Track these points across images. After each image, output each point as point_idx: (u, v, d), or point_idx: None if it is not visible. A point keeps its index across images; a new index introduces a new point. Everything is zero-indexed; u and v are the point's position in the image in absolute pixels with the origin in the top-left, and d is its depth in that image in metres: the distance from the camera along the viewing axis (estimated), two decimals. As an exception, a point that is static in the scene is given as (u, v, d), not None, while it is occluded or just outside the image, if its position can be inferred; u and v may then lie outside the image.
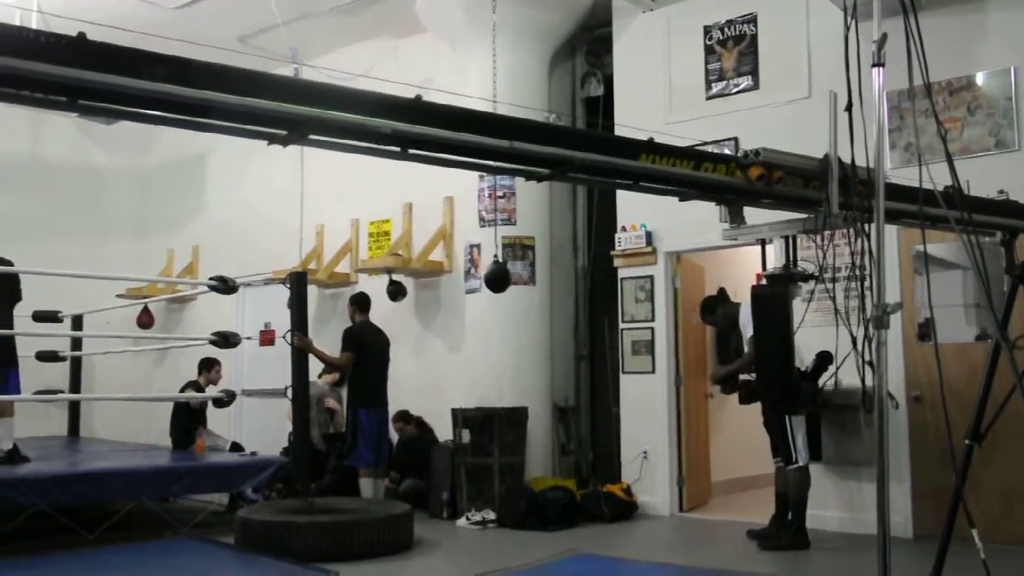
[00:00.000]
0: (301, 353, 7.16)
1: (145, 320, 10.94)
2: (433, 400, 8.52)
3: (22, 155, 11.28)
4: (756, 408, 6.57)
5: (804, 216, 4.47)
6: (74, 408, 10.31)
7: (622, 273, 8.14)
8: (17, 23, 5.89)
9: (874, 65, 3.34)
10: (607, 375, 8.37)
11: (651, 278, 7.98)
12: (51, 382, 9.75)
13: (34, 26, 5.55)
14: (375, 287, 8.68)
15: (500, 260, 7.34)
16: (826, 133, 4.04)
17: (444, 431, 8.16)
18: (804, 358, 6.20)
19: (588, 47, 8.87)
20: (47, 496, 6.14)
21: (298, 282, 7.33)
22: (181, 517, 7.17)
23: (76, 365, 10.24)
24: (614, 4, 8.36)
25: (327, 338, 8.47)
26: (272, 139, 3.48)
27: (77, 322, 9.85)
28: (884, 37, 3.26)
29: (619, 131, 5.85)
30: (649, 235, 7.93)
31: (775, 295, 4.57)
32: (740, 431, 8.43)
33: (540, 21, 8.33)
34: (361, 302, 7.89)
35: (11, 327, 7.06)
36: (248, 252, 10.06)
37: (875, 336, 3.27)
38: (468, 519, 7.37)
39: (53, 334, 9.32)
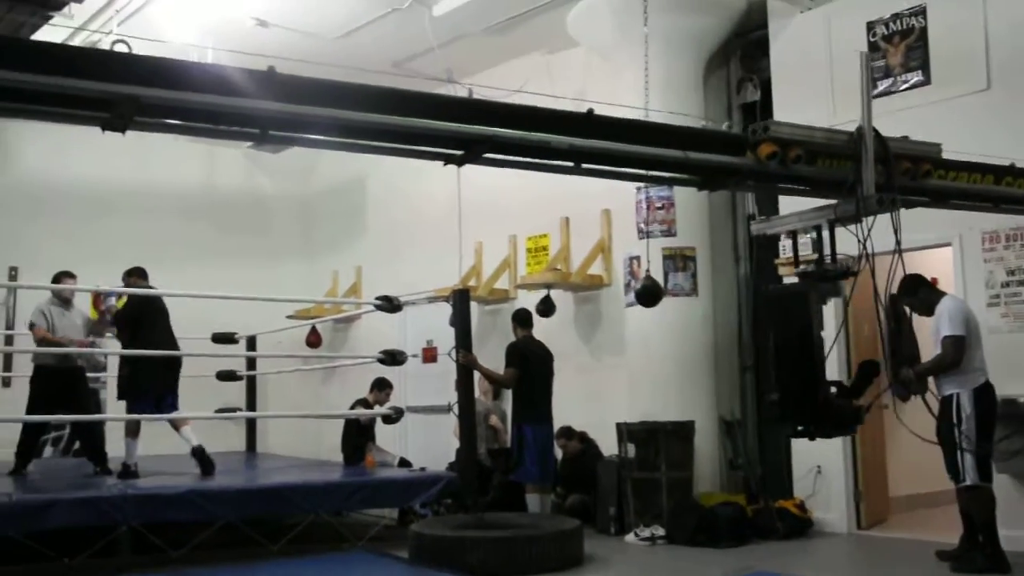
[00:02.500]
0: (466, 370, 7.25)
1: (313, 340, 11.36)
2: (596, 415, 8.47)
3: (198, 185, 11.99)
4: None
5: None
6: (251, 425, 10.79)
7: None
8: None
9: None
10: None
11: (819, 286, 7.68)
12: (230, 400, 10.24)
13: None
14: (534, 303, 8.72)
15: (651, 275, 7.26)
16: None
17: (608, 446, 8.09)
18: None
19: (743, 52, 8.67)
20: (236, 509, 6.47)
21: (461, 300, 7.44)
22: (355, 531, 7.37)
23: (251, 384, 10.72)
24: (769, 6, 8.14)
25: (487, 355, 8.54)
26: (448, 159, 3.55)
27: (251, 343, 10.33)
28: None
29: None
30: (815, 242, 7.63)
31: (793, 295, 4.03)
32: (920, 443, 7.99)
33: (693, 28, 8.20)
34: (523, 318, 7.92)
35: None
36: (408, 271, 10.31)
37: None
38: (636, 535, 7.27)
39: (230, 355, 9.82)
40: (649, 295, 7.12)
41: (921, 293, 6.31)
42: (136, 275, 7.64)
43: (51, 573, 5.89)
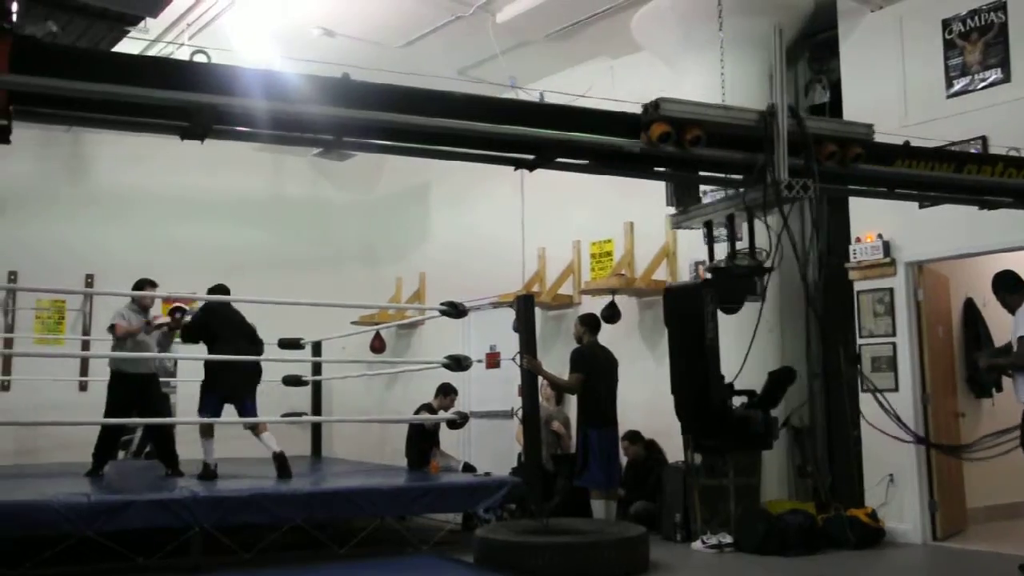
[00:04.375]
0: (530, 375, 7.24)
1: (377, 346, 11.44)
2: (661, 420, 8.32)
3: (265, 193, 12.17)
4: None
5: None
6: (316, 429, 10.89)
7: (858, 286, 7.73)
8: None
9: None
10: (843, 393, 7.94)
11: (891, 290, 7.54)
12: (296, 405, 10.36)
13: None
14: (598, 308, 8.68)
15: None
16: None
17: (674, 452, 8.01)
18: None
19: (811, 53, 8.54)
20: (303, 512, 6.55)
21: (526, 305, 7.44)
22: (420, 535, 7.40)
23: (317, 389, 10.83)
24: (839, 6, 8.01)
25: (551, 360, 8.53)
26: (519, 164, 3.56)
27: (317, 348, 10.44)
28: None
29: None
30: (887, 245, 7.50)
31: (689, 292, 3.71)
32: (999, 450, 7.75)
33: (760, 30, 8.05)
34: (592, 323, 7.88)
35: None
36: (472, 277, 10.32)
37: None
38: (703, 542, 7.18)
39: (297, 360, 9.96)
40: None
41: (1002, 293, 6.17)
42: (213, 292, 7.89)
43: (126, 572, 6.02)
